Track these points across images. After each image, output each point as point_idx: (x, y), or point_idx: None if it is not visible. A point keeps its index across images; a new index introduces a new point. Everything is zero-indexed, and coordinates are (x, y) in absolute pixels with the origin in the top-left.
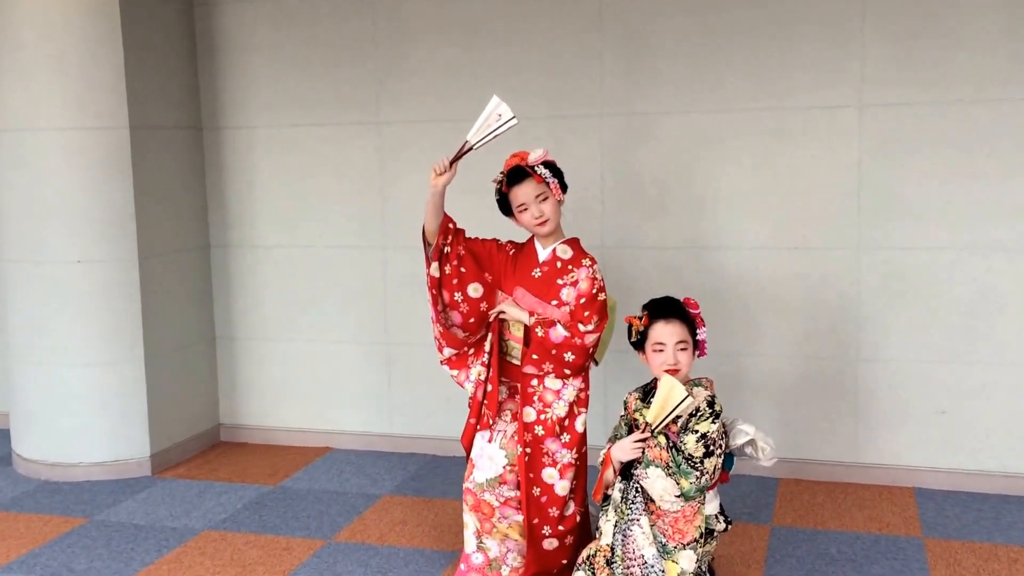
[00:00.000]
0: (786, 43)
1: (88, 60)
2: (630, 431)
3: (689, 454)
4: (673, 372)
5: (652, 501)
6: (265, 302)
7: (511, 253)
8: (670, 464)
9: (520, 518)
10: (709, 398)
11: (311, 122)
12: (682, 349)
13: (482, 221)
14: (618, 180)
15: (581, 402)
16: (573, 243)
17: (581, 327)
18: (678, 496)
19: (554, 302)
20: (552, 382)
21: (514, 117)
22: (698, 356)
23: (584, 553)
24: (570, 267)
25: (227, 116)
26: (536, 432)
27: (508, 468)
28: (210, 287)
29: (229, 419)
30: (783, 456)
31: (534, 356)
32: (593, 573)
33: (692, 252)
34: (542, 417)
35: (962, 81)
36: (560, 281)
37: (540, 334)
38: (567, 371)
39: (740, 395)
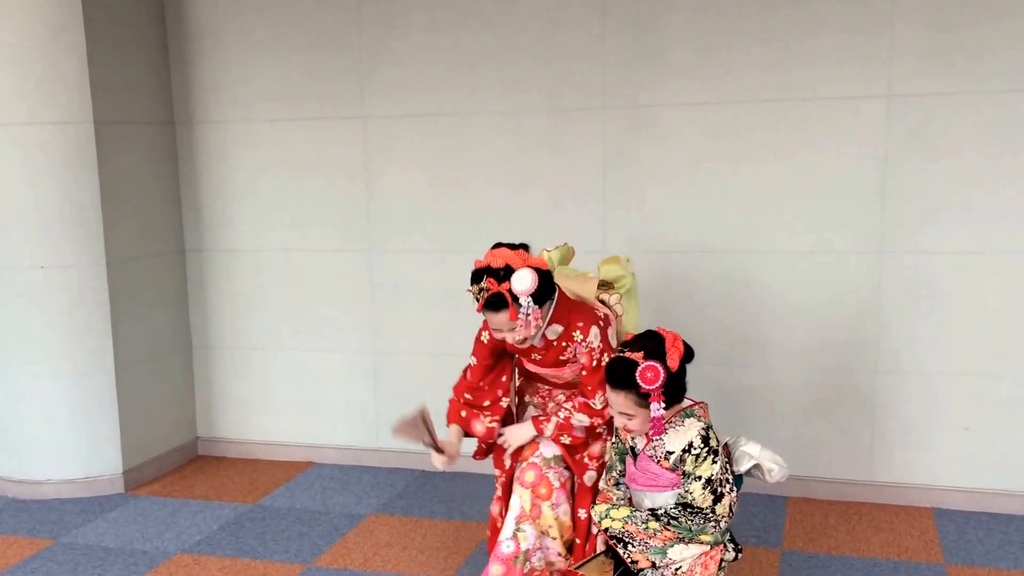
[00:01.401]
0: (807, 27)
1: (49, 49)
2: (622, 460)
3: (697, 506)
4: (626, 433)
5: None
6: (244, 309)
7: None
8: (681, 535)
9: (566, 518)
10: (703, 433)
11: (291, 116)
12: (628, 418)
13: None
14: (621, 177)
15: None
16: (560, 315)
17: (593, 404)
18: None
19: (567, 368)
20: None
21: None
22: (652, 433)
23: None
24: (564, 344)
25: (201, 110)
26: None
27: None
28: (185, 293)
29: (207, 432)
30: (793, 474)
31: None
32: None
33: (700, 256)
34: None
35: (999, 70)
36: (563, 357)
37: (566, 441)
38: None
39: (749, 408)
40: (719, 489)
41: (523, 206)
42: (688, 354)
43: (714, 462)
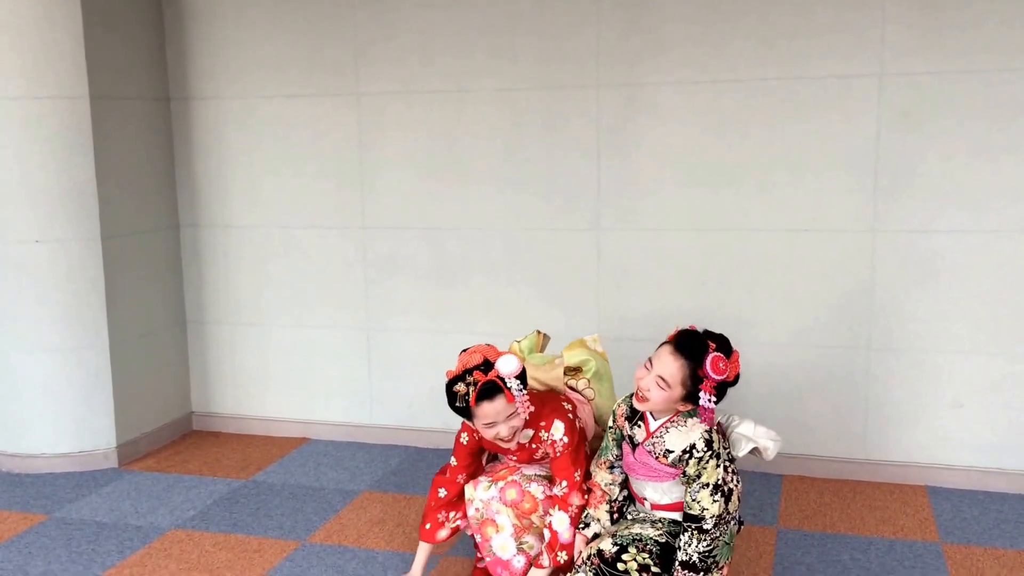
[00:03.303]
0: (799, 6)
1: (45, 24)
2: (619, 445)
3: (706, 515)
4: (641, 400)
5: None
6: (238, 285)
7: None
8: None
9: None
10: (706, 436)
11: (286, 93)
12: (660, 386)
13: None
14: (615, 156)
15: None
16: (532, 419)
17: (576, 477)
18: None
19: (544, 461)
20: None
21: None
22: (699, 420)
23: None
24: (534, 445)
25: (196, 86)
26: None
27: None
28: (179, 269)
29: (201, 407)
30: (788, 452)
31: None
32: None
33: (694, 234)
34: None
35: (991, 49)
36: (536, 456)
37: (563, 559)
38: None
39: (742, 387)
40: (725, 488)
41: (517, 184)
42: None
43: (717, 466)
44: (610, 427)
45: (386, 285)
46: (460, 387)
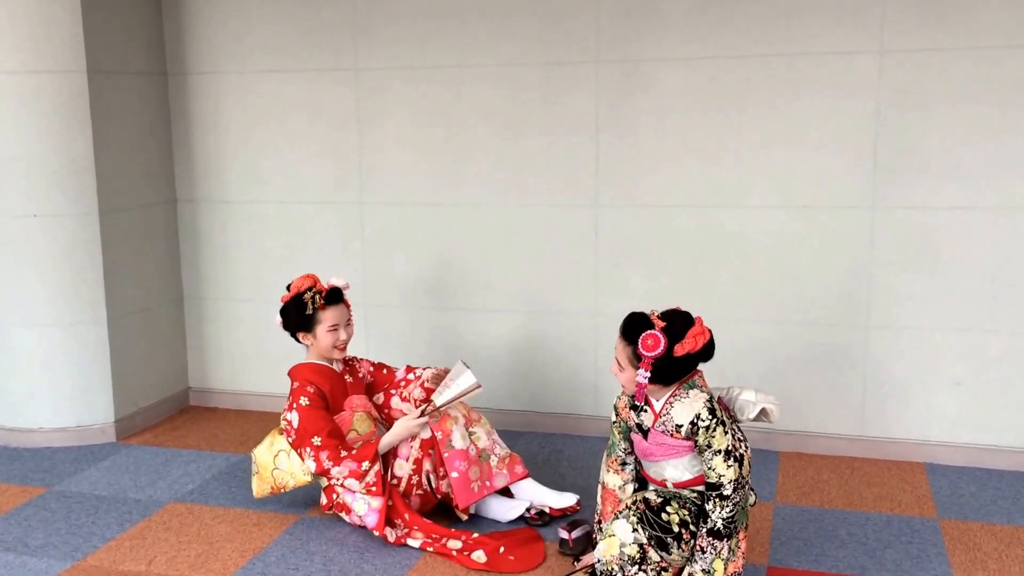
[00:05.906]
0: None
1: None
2: (627, 438)
3: (724, 481)
4: (635, 396)
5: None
6: (235, 260)
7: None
8: (732, 548)
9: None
10: (708, 405)
11: (284, 68)
12: (619, 369)
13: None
14: (614, 132)
15: None
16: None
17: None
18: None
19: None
20: None
21: (479, 386)
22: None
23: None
24: (354, 364)
25: (194, 61)
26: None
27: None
28: (177, 244)
29: (198, 383)
30: (786, 428)
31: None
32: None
33: (692, 210)
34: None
35: (992, 26)
36: (360, 374)
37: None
38: None
39: (740, 363)
40: (736, 453)
41: (515, 160)
42: (704, 353)
43: (725, 432)
44: (614, 422)
45: (384, 261)
46: (308, 295)
